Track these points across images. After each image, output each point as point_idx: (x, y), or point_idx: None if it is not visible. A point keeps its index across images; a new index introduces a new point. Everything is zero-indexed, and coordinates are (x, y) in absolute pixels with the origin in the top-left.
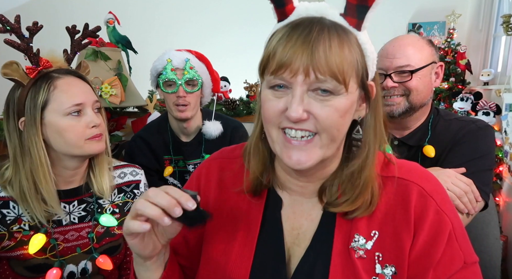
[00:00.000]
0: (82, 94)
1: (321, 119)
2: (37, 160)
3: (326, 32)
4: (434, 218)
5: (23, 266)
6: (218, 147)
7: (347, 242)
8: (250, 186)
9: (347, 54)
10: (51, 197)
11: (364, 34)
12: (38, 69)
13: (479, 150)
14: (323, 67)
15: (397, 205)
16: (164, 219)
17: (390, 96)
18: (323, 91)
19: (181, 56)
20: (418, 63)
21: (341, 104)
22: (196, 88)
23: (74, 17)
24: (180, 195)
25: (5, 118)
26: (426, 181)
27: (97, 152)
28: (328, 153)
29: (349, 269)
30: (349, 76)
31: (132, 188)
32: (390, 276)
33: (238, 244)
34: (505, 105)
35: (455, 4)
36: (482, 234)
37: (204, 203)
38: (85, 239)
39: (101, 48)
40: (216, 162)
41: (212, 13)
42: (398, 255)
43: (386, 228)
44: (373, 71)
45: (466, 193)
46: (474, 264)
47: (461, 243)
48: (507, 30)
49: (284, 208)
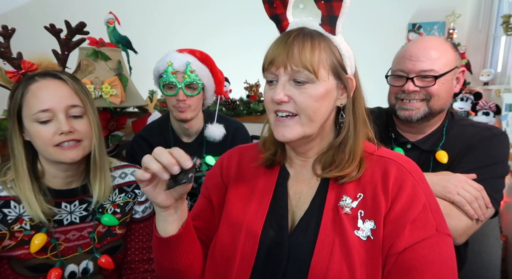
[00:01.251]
0: (51, 99)
1: (298, 102)
2: (17, 161)
3: (301, 37)
4: (412, 189)
5: (24, 266)
6: (220, 148)
7: (336, 201)
8: (264, 161)
9: (318, 52)
10: (30, 198)
11: (339, 37)
12: (20, 72)
13: (493, 157)
14: (296, 60)
15: (379, 176)
16: (163, 174)
17: (410, 100)
18: (299, 82)
19: (182, 59)
20: (442, 68)
21: (314, 90)
22: (196, 91)
23: (74, 17)
24: (180, 155)
25: (7, 118)
26: (406, 162)
27: (68, 161)
28: (309, 131)
29: (337, 222)
30: (319, 68)
31: (133, 188)
32: (369, 230)
33: (255, 204)
34: (505, 105)
35: (455, 4)
36: (482, 234)
37: (226, 176)
38: (86, 239)
39: (101, 48)
40: (236, 149)
41: (212, 13)
42: (376, 213)
43: (368, 192)
44: (351, 67)
45: (476, 199)
46: (447, 236)
47: (435, 215)
48: (507, 30)
49: (290, 179)
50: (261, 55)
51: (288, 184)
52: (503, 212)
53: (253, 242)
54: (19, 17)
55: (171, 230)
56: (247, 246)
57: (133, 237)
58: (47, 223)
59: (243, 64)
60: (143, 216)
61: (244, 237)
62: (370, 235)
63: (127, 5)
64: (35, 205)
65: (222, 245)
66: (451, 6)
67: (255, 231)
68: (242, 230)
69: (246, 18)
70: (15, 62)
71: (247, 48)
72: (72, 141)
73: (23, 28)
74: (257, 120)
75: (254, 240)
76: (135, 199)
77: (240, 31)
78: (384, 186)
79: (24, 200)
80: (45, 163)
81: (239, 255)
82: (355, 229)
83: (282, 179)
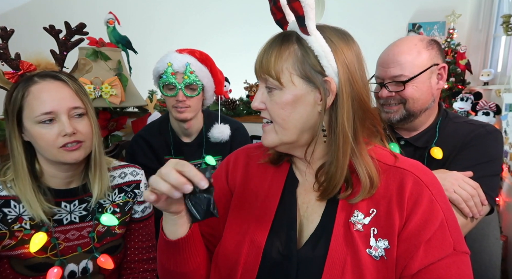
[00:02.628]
0: (54, 102)
1: (268, 109)
2: (17, 161)
3: (274, 43)
4: (428, 205)
5: (24, 265)
6: (219, 149)
7: (347, 216)
8: (271, 157)
9: (283, 57)
10: (30, 197)
11: (313, 37)
12: (19, 73)
13: (487, 154)
14: (263, 69)
15: (394, 189)
16: (174, 194)
17: (388, 104)
18: (269, 88)
19: (182, 60)
20: (413, 71)
21: (280, 98)
22: (196, 92)
23: (74, 17)
24: (193, 174)
25: (5, 118)
26: (424, 173)
27: (72, 161)
28: (286, 139)
29: (348, 239)
30: (282, 73)
31: (133, 188)
32: (383, 249)
33: (259, 210)
34: (505, 105)
35: (455, 4)
36: (482, 234)
37: (232, 180)
38: (86, 239)
39: (101, 48)
40: (243, 150)
41: (212, 13)
42: (390, 232)
43: (382, 208)
44: (329, 67)
45: (472, 197)
46: (465, 254)
47: (452, 232)
48: (507, 30)
49: (299, 187)
50: None
51: (297, 192)
52: (503, 212)
53: (256, 253)
54: (19, 17)
55: (181, 233)
56: (250, 257)
57: (132, 237)
58: (47, 222)
59: (243, 64)
60: (142, 216)
61: (248, 247)
62: (383, 255)
63: (127, 5)
64: (35, 204)
65: (224, 254)
66: (451, 6)
67: (258, 241)
68: (245, 239)
69: (246, 18)
70: (13, 63)
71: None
72: (75, 143)
73: (23, 28)
74: (257, 120)
75: (257, 250)
76: (134, 199)
77: (240, 31)
78: (398, 200)
79: (24, 199)
80: (44, 163)
81: (241, 266)
82: (368, 247)
83: (291, 187)
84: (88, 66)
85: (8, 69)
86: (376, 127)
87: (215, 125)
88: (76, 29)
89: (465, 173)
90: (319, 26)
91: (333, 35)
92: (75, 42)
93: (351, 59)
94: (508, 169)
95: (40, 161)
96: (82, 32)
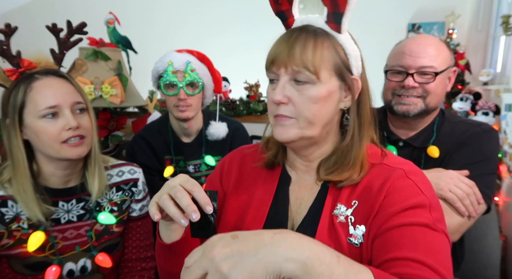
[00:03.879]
0: (57, 96)
1: (296, 104)
2: (17, 160)
3: (304, 35)
4: (406, 186)
5: (22, 264)
6: (219, 148)
7: (332, 209)
8: (266, 162)
9: (320, 51)
10: (27, 197)
11: (344, 35)
12: (19, 70)
13: (483, 153)
14: (297, 60)
15: (379, 182)
16: (181, 222)
17: (408, 95)
18: (299, 81)
19: (182, 59)
20: (441, 65)
21: (314, 92)
22: (197, 90)
23: (74, 17)
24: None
25: (2, 118)
26: (412, 171)
27: (75, 157)
28: (308, 133)
29: (332, 231)
30: (320, 68)
31: (130, 186)
32: (361, 236)
33: (253, 210)
34: (505, 105)
35: (455, 4)
36: (482, 234)
37: (226, 181)
38: (84, 237)
39: (101, 48)
40: (239, 151)
41: (212, 13)
42: (366, 216)
43: (363, 198)
44: (357, 67)
45: (468, 195)
46: (445, 236)
47: (434, 213)
48: (506, 30)
49: (292, 184)
50: (261, 55)
51: (290, 189)
52: (503, 212)
53: None
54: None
55: (175, 237)
56: None
57: (130, 235)
58: (44, 222)
59: (243, 64)
60: (140, 214)
61: None
62: (362, 241)
63: (127, 5)
64: (32, 204)
65: None
66: (451, 6)
67: None
68: None
69: (246, 18)
70: (14, 60)
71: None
72: (77, 137)
73: (23, 28)
74: (257, 120)
75: None
76: (132, 197)
77: (240, 31)
78: (380, 189)
79: (21, 200)
80: (43, 162)
81: None
82: (348, 236)
83: (284, 184)
84: (85, 67)
85: (8, 68)
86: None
87: (212, 122)
88: (77, 28)
89: (461, 172)
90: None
91: (352, 36)
92: (75, 42)
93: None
94: (508, 169)
95: (39, 160)
96: (82, 31)
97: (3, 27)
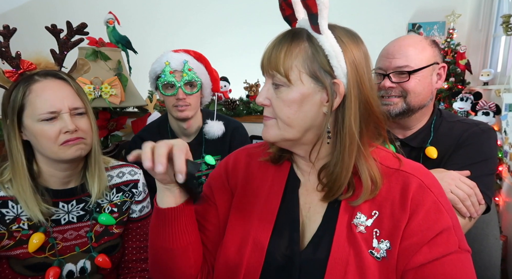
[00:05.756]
0: (56, 101)
1: (273, 106)
2: (16, 161)
3: (284, 40)
4: (431, 206)
5: (22, 265)
6: (219, 148)
7: (350, 218)
8: (271, 156)
9: (293, 54)
10: (27, 198)
11: (324, 36)
12: (19, 72)
13: (483, 153)
14: (272, 64)
15: (397, 191)
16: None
17: (388, 96)
18: (277, 85)
19: (179, 58)
20: (418, 63)
21: (287, 95)
22: (195, 89)
23: (74, 17)
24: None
25: (2, 118)
26: (426, 177)
27: (72, 157)
28: (288, 135)
29: (351, 241)
30: (291, 71)
31: (131, 188)
32: (385, 250)
33: (260, 212)
34: (505, 105)
35: (455, 4)
36: (482, 234)
37: (233, 181)
38: (84, 238)
39: (101, 48)
40: (244, 150)
41: (212, 13)
42: (392, 233)
43: (385, 210)
44: (339, 68)
45: (469, 196)
46: (468, 253)
47: (457, 231)
48: (506, 30)
49: (300, 187)
50: (261, 55)
51: (299, 192)
52: (503, 212)
53: (259, 254)
54: (19, 16)
55: (169, 203)
56: (253, 258)
57: (130, 236)
58: (45, 223)
59: (243, 64)
60: (140, 215)
61: (251, 247)
62: (385, 255)
63: (127, 5)
64: (33, 205)
65: (227, 254)
66: (451, 6)
67: (261, 242)
68: (248, 240)
69: (246, 18)
70: (14, 61)
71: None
72: (76, 139)
73: (23, 28)
74: (257, 120)
75: (260, 252)
76: (132, 199)
77: (240, 31)
78: (402, 202)
79: (22, 200)
80: (43, 162)
81: (244, 267)
82: (370, 248)
83: (293, 187)
84: (86, 67)
85: (8, 69)
86: (379, 130)
87: (208, 121)
88: (77, 28)
89: (463, 172)
90: (329, 25)
91: (344, 35)
92: (75, 42)
93: (360, 61)
94: (508, 169)
95: (39, 161)
96: (83, 32)
97: (2, 29)
